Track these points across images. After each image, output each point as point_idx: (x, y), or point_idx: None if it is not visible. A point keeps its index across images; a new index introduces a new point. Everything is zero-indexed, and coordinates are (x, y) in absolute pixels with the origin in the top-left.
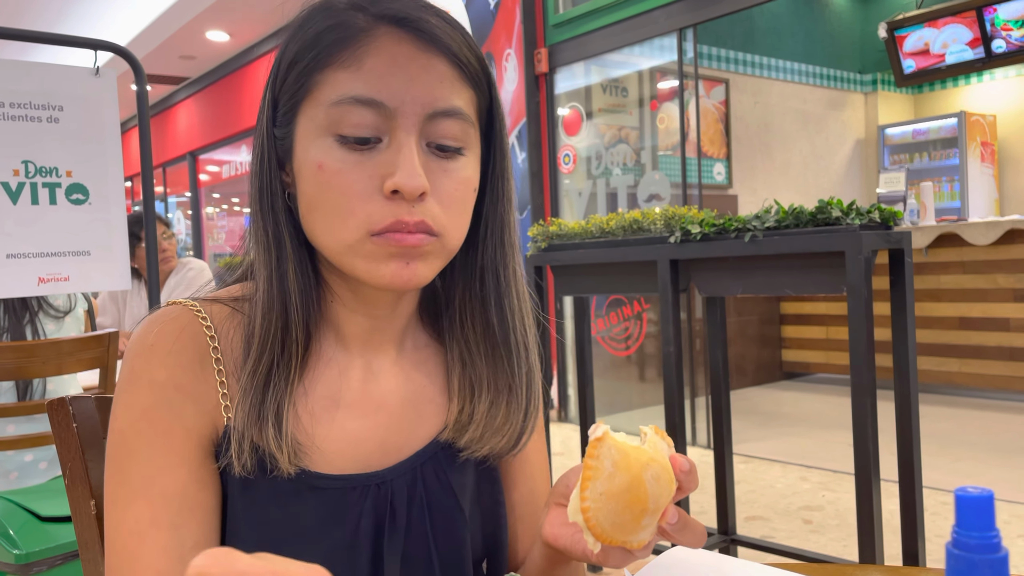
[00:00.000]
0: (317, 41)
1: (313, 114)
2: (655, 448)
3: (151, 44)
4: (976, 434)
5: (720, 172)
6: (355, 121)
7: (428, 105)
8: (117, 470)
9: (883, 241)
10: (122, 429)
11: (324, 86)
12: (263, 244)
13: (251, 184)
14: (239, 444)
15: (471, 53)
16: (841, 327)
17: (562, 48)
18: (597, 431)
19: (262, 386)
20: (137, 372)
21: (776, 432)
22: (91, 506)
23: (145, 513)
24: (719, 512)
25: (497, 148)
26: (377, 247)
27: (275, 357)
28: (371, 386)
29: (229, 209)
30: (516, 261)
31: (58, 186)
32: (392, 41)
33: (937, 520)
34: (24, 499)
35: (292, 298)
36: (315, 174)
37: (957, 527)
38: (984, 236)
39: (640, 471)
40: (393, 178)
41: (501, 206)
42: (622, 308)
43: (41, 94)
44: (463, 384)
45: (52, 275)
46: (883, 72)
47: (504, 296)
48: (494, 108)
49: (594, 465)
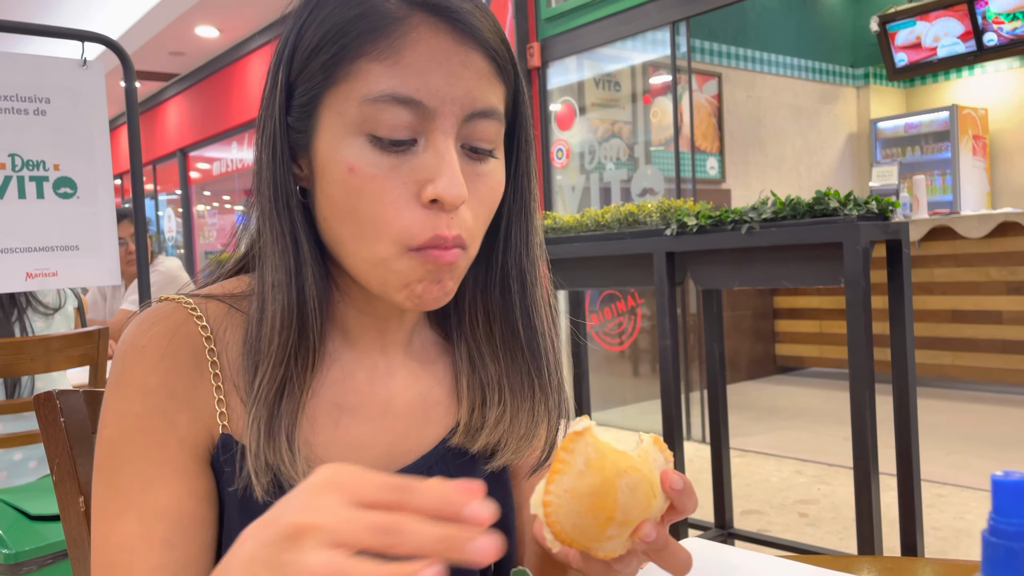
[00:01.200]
0: (346, 27)
1: (342, 108)
2: (644, 458)
3: (140, 40)
4: (970, 426)
5: (713, 166)
6: (391, 121)
7: (467, 105)
8: (106, 481)
9: (881, 232)
10: (112, 438)
11: (355, 78)
12: (280, 247)
13: (259, 177)
14: (255, 466)
15: (502, 43)
16: (834, 321)
17: (554, 42)
18: (579, 424)
19: (273, 400)
20: (128, 376)
21: (771, 426)
22: (80, 503)
23: (136, 528)
24: (716, 506)
25: (523, 143)
26: (412, 264)
27: (289, 369)
28: (377, 388)
29: (220, 207)
30: (540, 261)
31: (45, 180)
32: (430, 32)
33: (932, 512)
34: (13, 498)
35: (311, 305)
36: (345, 177)
37: (994, 514)
38: (977, 229)
39: (614, 476)
40: (434, 185)
41: (527, 205)
42: (616, 303)
43: (28, 86)
44: (472, 386)
45: (40, 270)
46: (875, 66)
47: (531, 301)
48: (519, 100)
49: (566, 459)
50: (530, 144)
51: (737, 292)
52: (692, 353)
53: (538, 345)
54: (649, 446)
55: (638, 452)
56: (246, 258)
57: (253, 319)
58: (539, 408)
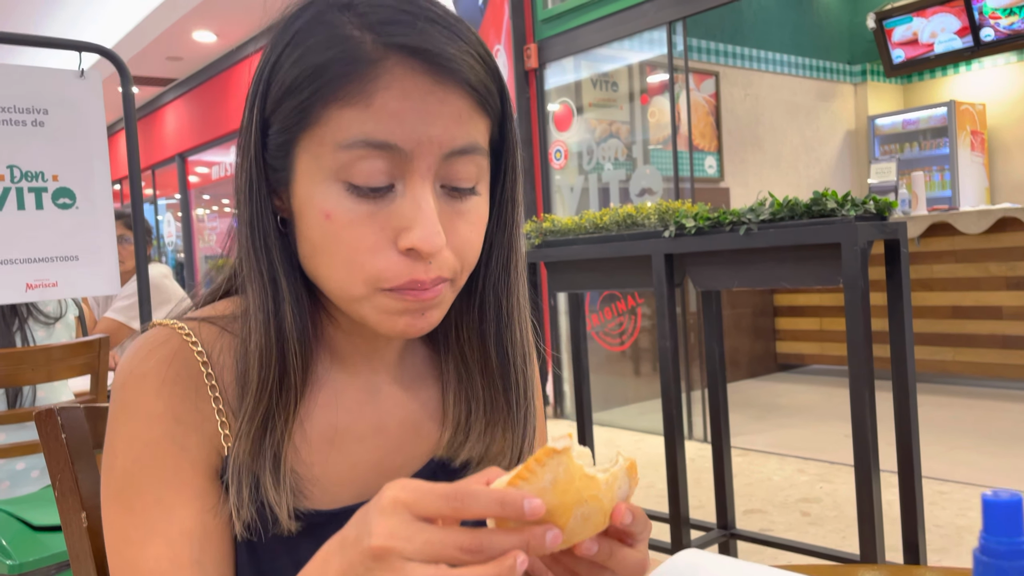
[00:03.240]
0: (320, 71)
1: (317, 152)
2: (611, 484)
3: (137, 46)
4: (971, 423)
5: (711, 165)
6: (367, 169)
7: (446, 145)
8: (127, 509)
9: (878, 232)
10: (125, 467)
11: (329, 123)
12: (258, 286)
13: (240, 215)
14: (237, 503)
15: (489, 76)
16: (835, 318)
17: (551, 43)
18: (560, 443)
19: (255, 435)
20: (133, 405)
21: (772, 424)
22: (82, 518)
23: (165, 552)
24: (718, 506)
25: (508, 169)
26: (390, 301)
27: (271, 405)
28: (368, 408)
29: (219, 210)
30: (521, 290)
31: (44, 190)
32: (405, 74)
33: (934, 510)
34: (16, 508)
35: (291, 345)
36: (321, 223)
37: (985, 533)
38: (976, 225)
39: (573, 504)
40: (410, 235)
41: (509, 232)
42: (616, 303)
43: (25, 97)
44: (459, 399)
45: (40, 281)
46: (872, 62)
47: (504, 329)
48: (506, 127)
49: (535, 471)
50: (516, 172)
51: (737, 290)
52: (692, 352)
53: (509, 375)
54: (620, 471)
55: (606, 478)
56: (233, 280)
57: (244, 344)
58: (511, 432)
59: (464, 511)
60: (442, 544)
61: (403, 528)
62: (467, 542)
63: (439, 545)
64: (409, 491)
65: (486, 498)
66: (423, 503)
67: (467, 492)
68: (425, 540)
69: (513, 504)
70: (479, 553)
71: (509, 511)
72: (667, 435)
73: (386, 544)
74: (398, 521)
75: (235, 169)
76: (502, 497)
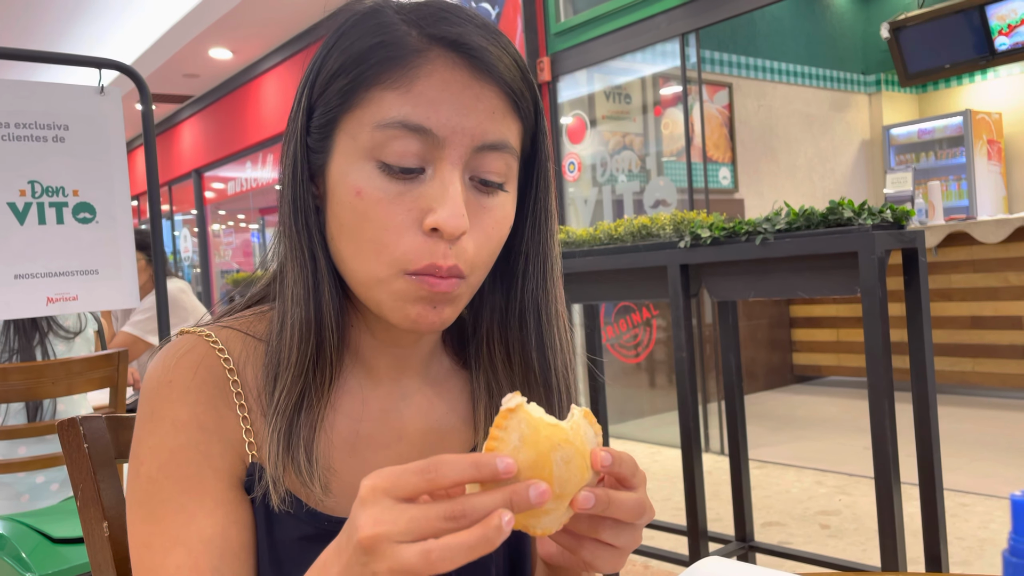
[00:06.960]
0: (366, 56)
1: (355, 132)
2: (576, 431)
3: (155, 63)
4: (992, 434)
5: (726, 176)
6: (400, 149)
7: (477, 137)
8: (150, 516)
9: (896, 241)
10: (149, 474)
11: (369, 104)
12: (299, 262)
13: (281, 195)
14: (274, 475)
15: (524, 83)
16: (852, 329)
17: (564, 56)
18: (511, 401)
19: (292, 412)
20: (159, 413)
21: (790, 436)
22: (104, 528)
23: (185, 560)
24: (736, 518)
25: (540, 179)
26: (408, 287)
27: (307, 382)
28: (392, 416)
29: (235, 226)
30: (559, 298)
31: (65, 205)
32: (445, 66)
33: (956, 522)
34: (36, 521)
35: (328, 320)
36: (352, 200)
37: (1015, 534)
38: (994, 234)
39: (548, 450)
40: (435, 215)
41: (544, 241)
42: (631, 315)
43: (46, 114)
44: (490, 415)
45: (60, 295)
46: (887, 72)
47: (546, 336)
48: (539, 137)
49: (500, 436)
50: (548, 183)
51: (753, 301)
52: (709, 364)
53: (551, 379)
54: (580, 419)
55: (570, 424)
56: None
57: (274, 332)
58: None
59: (440, 479)
60: (426, 518)
61: (386, 513)
62: (450, 509)
63: (424, 520)
64: (384, 476)
65: (460, 463)
66: (400, 484)
67: (440, 461)
68: (410, 519)
69: (487, 464)
70: (464, 518)
71: (485, 472)
72: (684, 447)
73: (372, 532)
74: (380, 508)
75: (280, 155)
76: (475, 459)
